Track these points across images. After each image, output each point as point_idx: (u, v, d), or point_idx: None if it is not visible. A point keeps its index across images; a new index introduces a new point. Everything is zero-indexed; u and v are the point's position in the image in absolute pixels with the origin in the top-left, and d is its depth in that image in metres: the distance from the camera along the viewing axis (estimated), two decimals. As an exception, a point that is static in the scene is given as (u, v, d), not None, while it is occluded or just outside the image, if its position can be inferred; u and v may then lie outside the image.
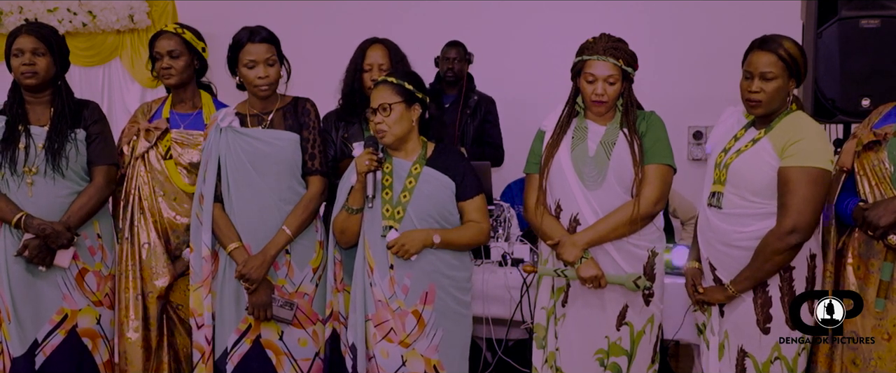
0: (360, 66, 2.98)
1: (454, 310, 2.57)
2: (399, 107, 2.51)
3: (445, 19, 4.94)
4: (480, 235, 2.59)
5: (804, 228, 2.23)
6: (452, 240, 2.53)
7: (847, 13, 2.87)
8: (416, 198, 2.53)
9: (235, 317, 2.72)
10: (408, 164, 2.57)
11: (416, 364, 2.55)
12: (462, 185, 2.57)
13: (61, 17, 5.42)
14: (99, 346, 2.91)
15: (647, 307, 2.57)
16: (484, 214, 2.61)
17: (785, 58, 2.30)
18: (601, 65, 2.48)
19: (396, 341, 2.55)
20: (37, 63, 2.76)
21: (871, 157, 2.27)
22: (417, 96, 2.55)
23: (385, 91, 2.53)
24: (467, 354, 2.66)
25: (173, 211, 2.94)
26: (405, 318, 2.54)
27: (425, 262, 2.52)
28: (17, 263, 2.76)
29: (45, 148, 2.76)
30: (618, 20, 4.07)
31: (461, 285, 2.60)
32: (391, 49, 3.00)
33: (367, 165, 2.51)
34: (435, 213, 2.53)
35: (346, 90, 3.02)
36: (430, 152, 2.60)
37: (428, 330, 2.54)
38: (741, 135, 2.44)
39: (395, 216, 2.53)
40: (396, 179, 2.56)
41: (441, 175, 2.55)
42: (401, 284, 2.53)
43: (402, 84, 2.53)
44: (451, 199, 2.56)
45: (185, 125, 2.98)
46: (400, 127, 2.52)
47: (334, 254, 2.72)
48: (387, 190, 2.56)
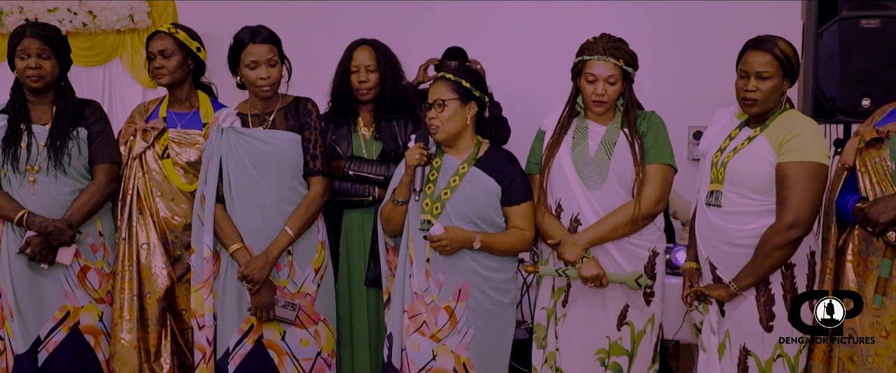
0: (347, 68, 2.97)
1: (488, 310, 2.54)
2: (453, 103, 2.50)
3: (447, 20, 4.93)
4: (523, 242, 2.56)
5: (804, 223, 2.25)
6: (493, 245, 2.51)
7: (847, 13, 2.87)
8: (456, 196, 2.52)
9: (237, 317, 2.72)
10: (457, 162, 2.56)
11: (445, 360, 2.53)
12: (509, 189, 2.54)
13: (61, 17, 5.40)
14: (101, 343, 2.91)
15: (647, 307, 2.57)
16: (529, 222, 2.57)
17: (780, 57, 2.32)
18: (602, 65, 2.49)
19: (428, 334, 2.54)
20: (43, 66, 2.77)
21: (874, 154, 2.28)
22: (474, 94, 2.53)
23: (441, 87, 2.52)
24: (505, 355, 2.62)
25: (170, 211, 2.94)
26: (438, 313, 2.53)
27: (461, 260, 2.50)
28: (20, 261, 2.77)
29: (47, 146, 2.77)
30: (618, 20, 4.07)
31: (499, 286, 2.56)
32: (378, 50, 2.97)
33: (416, 159, 2.51)
34: (473, 214, 2.51)
35: (334, 92, 3.02)
36: (481, 153, 2.58)
37: (459, 327, 2.52)
38: (736, 134, 2.46)
39: (433, 211, 2.53)
40: (442, 176, 2.55)
41: (487, 177, 2.53)
42: (435, 278, 2.53)
43: (459, 81, 2.52)
44: (494, 202, 2.53)
45: (182, 125, 2.98)
46: (453, 124, 2.51)
47: (385, 240, 2.72)
48: (430, 184, 2.55)
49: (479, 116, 2.59)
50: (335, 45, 3.12)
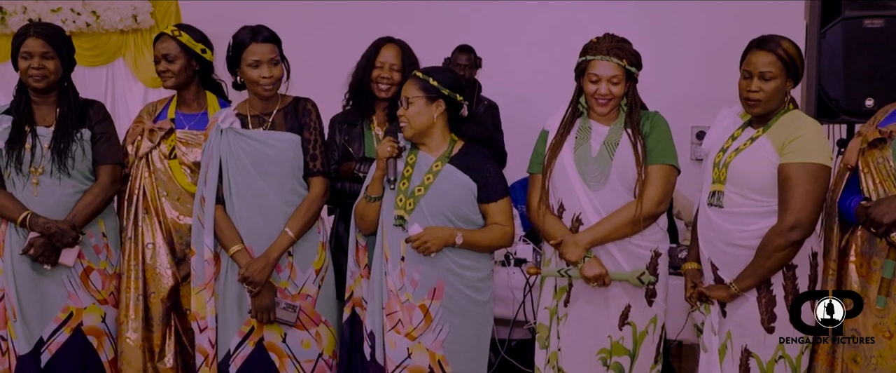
0: (371, 63, 2.97)
1: (464, 308, 2.55)
2: (419, 101, 2.52)
3: (449, 20, 4.93)
4: (504, 237, 2.58)
5: (805, 224, 2.24)
6: (475, 241, 2.53)
7: (851, 13, 2.86)
8: (430, 193, 2.52)
9: (238, 319, 2.71)
10: (431, 159, 2.57)
11: (420, 358, 2.54)
12: (486, 187, 2.55)
13: (65, 18, 5.42)
14: (104, 344, 2.92)
15: (650, 307, 2.57)
16: (509, 217, 2.59)
17: (783, 58, 2.32)
18: (605, 65, 2.48)
19: (403, 333, 2.55)
20: (46, 66, 2.77)
21: (876, 154, 2.27)
22: (442, 93, 2.53)
23: (409, 85, 2.56)
24: (483, 352, 2.64)
25: (176, 211, 2.94)
26: (412, 311, 2.53)
27: (436, 258, 2.51)
28: (23, 262, 2.77)
29: (51, 148, 2.77)
30: (621, 20, 4.06)
31: (474, 284, 2.57)
32: (404, 50, 3.00)
33: (388, 151, 2.53)
34: (448, 211, 2.52)
35: (353, 85, 3.01)
36: (455, 150, 2.59)
37: (434, 325, 2.53)
38: (738, 134, 2.45)
39: (406, 207, 2.53)
40: (416, 172, 2.56)
41: (461, 174, 2.54)
42: (410, 277, 2.53)
43: (426, 79, 2.53)
44: (470, 199, 2.55)
45: (190, 125, 2.98)
46: (419, 120, 2.53)
47: (357, 238, 2.73)
48: (404, 181, 2.56)
49: (455, 116, 2.60)
50: (337, 45, 3.13)
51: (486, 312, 2.62)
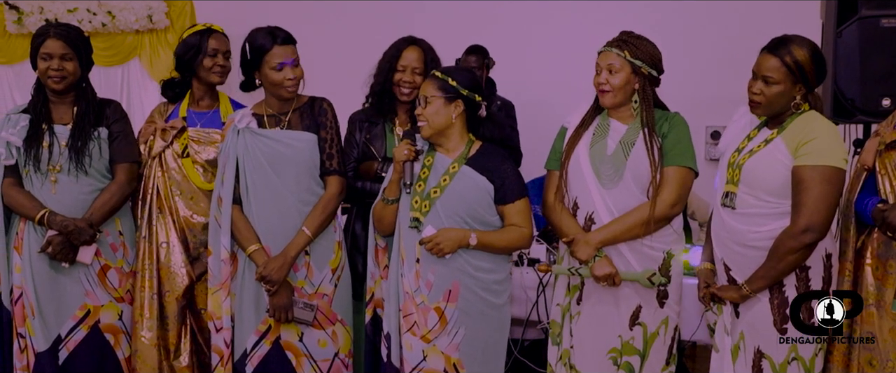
0: (393, 66, 2.92)
1: (480, 310, 2.53)
2: (437, 101, 2.51)
3: (461, 20, 4.94)
4: (521, 239, 2.56)
5: (818, 227, 2.22)
6: (490, 242, 2.51)
7: (867, 12, 2.84)
8: (446, 195, 2.52)
9: (255, 318, 2.72)
10: (448, 160, 2.56)
11: (436, 361, 2.54)
12: (503, 188, 2.53)
13: (81, 18, 5.46)
14: (121, 341, 2.94)
15: (661, 309, 2.55)
16: (527, 219, 2.56)
17: (790, 64, 2.28)
18: (604, 54, 2.52)
19: (419, 335, 2.55)
20: (65, 68, 2.79)
21: (894, 156, 2.26)
22: (461, 93, 2.53)
23: (428, 84, 2.55)
24: (500, 355, 2.62)
25: (190, 210, 2.95)
26: (428, 313, 2.53)
27: (453, 260, 2.50)
28: (41, 260, 2.79)
29: (68, 146, 2.80)
30: (634, 19, 4.02)
31: (490, 287, 2.55)
32: (427, 52, 2.95)
33: (405, 154, 2.53)
34: (464, 212, 2.51)
35: (376, 88, 2.96)
36: (472, 151, 2.58)
37: (449, 328, 2.53)
38: (754, 135, 2.43)
39: (421, 209, 2.53)
40: (433, 174, 2.56)
41: (478, 176, 2.52)
42: (425, 279, 2.53)
43: (445, 79, 2.52)
44: (487, 200, 2.53)
45: (202, 123, 2.99)
46: (437, 120, 2.52)
47: (376, 239, 2.73)
48: (421, 182, 2.56)
49: (473, 116, 2.59)
50: (350, 45, 3.14)
51: (502, 315, 2.60)
